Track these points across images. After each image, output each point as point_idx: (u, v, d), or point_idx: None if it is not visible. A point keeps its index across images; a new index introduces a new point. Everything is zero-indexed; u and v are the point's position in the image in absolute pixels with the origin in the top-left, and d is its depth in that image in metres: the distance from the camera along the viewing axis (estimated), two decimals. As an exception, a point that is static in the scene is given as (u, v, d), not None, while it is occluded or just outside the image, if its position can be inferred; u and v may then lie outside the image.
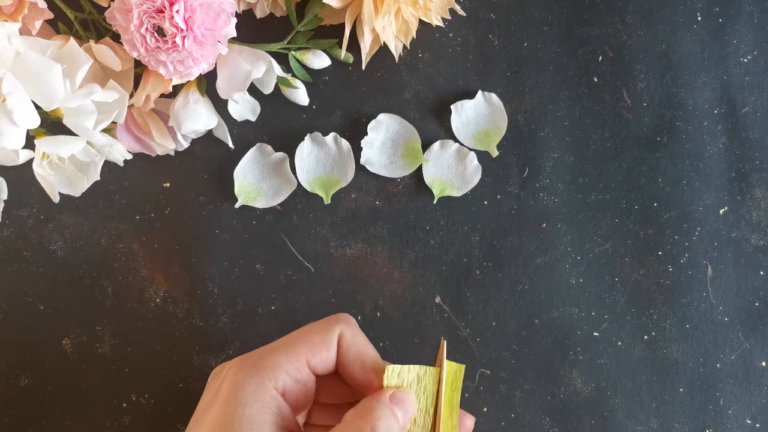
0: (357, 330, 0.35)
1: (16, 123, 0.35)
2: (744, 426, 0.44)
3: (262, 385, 0.31)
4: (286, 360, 0.32)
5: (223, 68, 0.40)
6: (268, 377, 0.32)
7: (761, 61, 0.46)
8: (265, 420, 0.31)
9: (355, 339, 0.34)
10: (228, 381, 0.32)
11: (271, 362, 0.32)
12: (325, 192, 0.44)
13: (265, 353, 0.33)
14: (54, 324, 0.43)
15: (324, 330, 0.34)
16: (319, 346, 0.33)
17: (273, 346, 0.33)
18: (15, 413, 0.43)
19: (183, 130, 0.41)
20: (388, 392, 0.33)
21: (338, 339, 0.34)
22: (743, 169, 0.45)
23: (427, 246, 0.45)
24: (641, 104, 0.46)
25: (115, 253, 0.44)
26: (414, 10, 0.42)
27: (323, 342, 0.34)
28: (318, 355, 0.33)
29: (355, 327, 0.35)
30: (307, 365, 0.33)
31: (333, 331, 0.34)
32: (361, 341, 0.34)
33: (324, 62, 0.43)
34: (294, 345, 0.33)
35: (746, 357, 0.44)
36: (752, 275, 0.45)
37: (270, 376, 0.32)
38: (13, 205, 0.44)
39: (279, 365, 0.32)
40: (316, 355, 0.33)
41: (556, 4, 0.46)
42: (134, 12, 0.36)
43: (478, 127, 0.45)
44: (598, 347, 0.44)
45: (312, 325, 0.35)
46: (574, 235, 0.45)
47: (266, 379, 0.32)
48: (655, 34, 0.46)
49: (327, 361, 0.34)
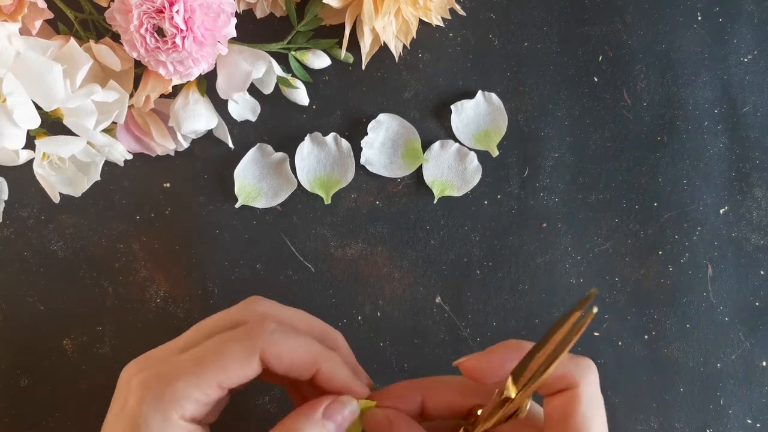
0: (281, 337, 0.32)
1: (17, 123, 0.35)
2: (745, 426, 0.44)
3: (168, 419, 0.29)
4: (194, 389, 0.30)
5: (223, 68, 0.40)
6: (175, 410, 0.30)
7: (761, 60, 0.46)
8: None
9: (281, 351, 0.31)
10: (133, 408, 0.30)
11: (176, 393, 0.30)
12: (326, 192, 0.44)
13: (171, 379, 0.30)
14: (54, 324, 0.43)
15: (240, 352, 0.31)
16: (233, 368, 0.31)
17: (181, 367, 0.31)
18: (15, 413, 0.43)
19: (183, 131, 0.41)
20: (321, 405, 0.31)
21: (262, 355, 0.31)
22: (743, 169, 0.45)
23: (427, 246, 0.45)
24: (641, 104, 0.46)
25: (116, 253, 0.44)
26: (414, 10, 0.42)
27: (239, 363, 0.31)
28: (233, 378, 0.31)
29: (280, 335, 0.32)
30: (218, 388, 0.31)
31: (253, 349, 0.31)
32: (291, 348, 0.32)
33: (324, 62, 0.43)
34: (204, 370, 0.30)
35: (747, 357, 0.44)
36: (753, 275, 0.45)
37: (176, 408, 0.30)
38: (13, 206, 0.44)
39: (185, 396, 0.30)
40: (230, 378, 0.31)
41: (556, 4, 0.46)
42: (134, 12, 0.36)
43: (479, 127, 0.45)
44: (599, 347, 0.44)
45: (227, 343, 0.31)
46: (575, 234, 0.45)
47: (173, 412, 0.30)
48: (655, 34, 0.46)
49: (245, 378, 0.31)
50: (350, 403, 0.32)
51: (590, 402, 0.29)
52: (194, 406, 0.30)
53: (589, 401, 0.29)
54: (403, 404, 0.33)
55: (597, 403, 0.30)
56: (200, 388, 0.30)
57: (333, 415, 0.32)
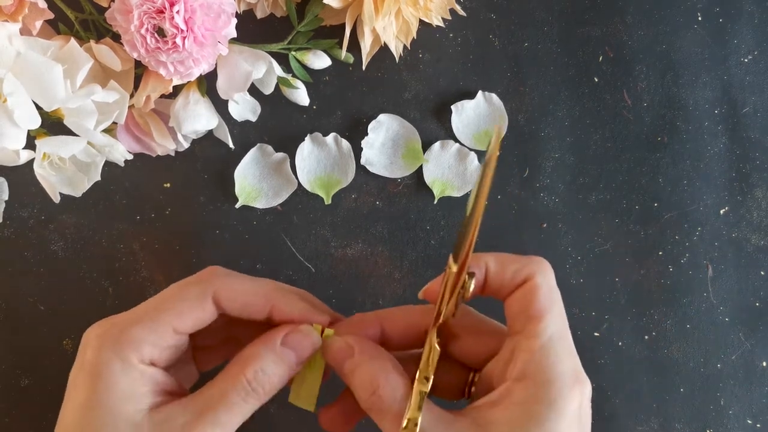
0: (232, 280, 0.33)
1: (17, 123, 0.35)
2: (745, 426, 0.44)
3: (127, 361, 0.30)
4: (149, 333, 0.31)
5: (223, 69, 0.40)
6: (133, 353, 0.30)
7: (762, 61, 0.46)
8: (141, 391, 0.30)
9: (233, 293, 0.32)
10: (92, 358, 0.30)
11: (132, 337, 0.30)
12: (326, 192, 0.44)
13: (127, 325, 0.31)
14: (55, 324, 0.43)
15: (193, 294, 0.32)
16: (188, 312, 0.32)
17: (137, 315, 0.32)
18: (15, 413, 0.43)
19: (183, 131, 0.41)
20: (280, 333, 0.32)
21: (215, 298, 0.32)
22: (744, 169, 0.45)
23: (427, 246, 0.45)
24: (642, 104, 0.46)
25: (116, 254, 0.44)
26: (414, 10, 0.42)
27: (192, 308, 0.32)
28: (188, 321, 0.32)
29: (230, 276, 0.33)
30: (173, 333, 0.31)
31: (205, 293, 0.32)
32: (243, 290, 0.32)
33: (324, 62, 0.43)
34: (159, 314, 0.31)
35: (747, 357, 0.44)
36: (753, 275, 0.45)
37: (133, 351, 0.30)
38: (13, 206, 0.44)
39: (141, 339, 0.31)
40: (185, 321, 0.32)
41: (556, 4, 0.46)
42: (134, 13, 0.36)
43: (479, 127, 0.45)
44: (599, 347, 0.44)
45: (181, 288, 0.32)
46: (575, 235, 0.45)
47: (131, 355, 0.30)
48: (655, 34, 0.46)
49: (200, 322, 0.32)
50: (311, 334, 0.32)
51: (548, 291, 0.31)
52: (152, 349, 0.31)
53: (547, 290, 0.31)
54: (363, 333, 0.33)
55: (554, 292, 0.31)
56: (156, 332, 0.31)
57: (292, 343, 0.32)
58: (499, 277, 0.31)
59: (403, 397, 0.30)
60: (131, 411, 0.30)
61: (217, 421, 0.30)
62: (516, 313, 0.31)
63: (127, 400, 0.30)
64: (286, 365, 0.31)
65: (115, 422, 0.29)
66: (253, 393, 0.31)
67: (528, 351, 0.29)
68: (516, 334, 0.31)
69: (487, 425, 0.29)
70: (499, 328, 0.34)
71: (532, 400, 0.28)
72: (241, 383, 0.31)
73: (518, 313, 0.31)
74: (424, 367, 0.31)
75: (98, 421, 0.30)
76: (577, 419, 0.29)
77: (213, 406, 0.30)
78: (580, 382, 0.30)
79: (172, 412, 0.30)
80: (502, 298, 0.32)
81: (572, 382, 0.29)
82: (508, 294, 0.32)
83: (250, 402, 0.31)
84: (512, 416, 0.28)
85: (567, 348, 0.30)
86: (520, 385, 0.29)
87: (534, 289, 0.31)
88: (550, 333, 0.30)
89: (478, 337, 0.33)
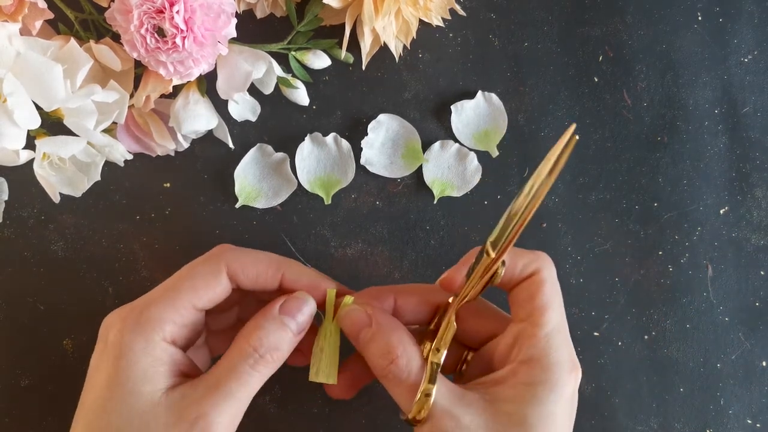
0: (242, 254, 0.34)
1: (17, 123, 0.35)
2: (745, 426, 0.44)
3: (149, 340, 0.31)
4: (170, 311, 0.32)
5: (223, 69, 0.40)
6: (155, 331, 0.31)
7: (762, 60, 0.46)
8: (159, 371, 0.31)
9: (245, 265, 0.34)
10: (115, 340, 0.31)
11: (154, 316, 0.32)
12: (326, 192, 0.44)
13: (147, 305, 0.32)
14: (55, 324, 0.43)
15: (207, 271, 0.33)
16: (204, 288, 0.33)
17: (156, 296, 0.33)
18: (15, 413, 0.43)
19: (183, 131, 0.41)
20: (277, 304, 0.33)
21: (229, 271, 0.34)
22: (744, 169, 0.45)
23: (427, 246, 0.45)
24: (641, 104, 0.46)
25: (116, 254, 0.44)
26: (414, 10, 0.42)
27: (208, 284, 0.33)
28: (204, 298, 0.33)
29: (240, 251, 0.34)
30: (192, 309, 0.33)
31: (218, 268, 0.33)
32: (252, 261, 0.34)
33: (324, 62, 0.43)
34: (177, 293, 0.33)
35: (747, 357, 0.44)
36: (753, 275, 0.45)
37: (156, 330, 0.31)
38: (13, 206, 0.44)
39: (162, 317, 0.32)
40: (202, 297, 0.33)
41: (556, 4, 0.46)
42: (134, 13, 0.36)
43: (479, 127, 0.45)
44: (599, 347, 0.44)
45: (195, 267, 0.34)
46: (575, 235, 0.45)
47: (153, 333, 0.31)
48: (655, 34, 0.46)
49: (217, 296, 0.33)
50: (308, 300, 0.34)
51: (552, 284, 0.34)
52: (173, 327, 0.32)
53: (552, 284, 0.34)
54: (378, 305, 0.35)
55: (557, 287, 0.34)
56: (176, 309, 0.32)
57: (290, 310, 0.33)
58: (510, 269, 0.34)
59: (419, 368, 0.32)
60: (149, 391, 0.31)
61: (229, 392, 0.31)
62: (522, 302, 0.34)
63: (146, 380, 0.31)
64: (288, 331, 0.33)
65: (133, 402, 0.30)
66: (261, 360, 0.32)
67: (534, 337, 0.32)
68: (521, 321, 0.33)
69: (494, 401, 0.32)
70: (501, 314, 0.36)
71: (537, 381, 0.31)
72: (246, 352, 0.31)
73: (524, 303, 0.33)
74: (438, 342, 0.33)
75: (118, 401, 0.30)
76: (571, 401, 0.33)
77: (224, 379, 0.31)
78: (576, 369, 0.33)
79: (185, 391, 0.31)
80: (508, 289, 0.34)
81: (570, 368, 0.32)
82: (515, 285, 0.34)
83: (258, 370, 0.32)
84: (517, 394, 0.31)
85: (566, 337, 0.33)
86: (525, 367, 0.32)
87: (541, 282, 0.33)
88: (554, 323, 0.33)
89: (481, 320, 0.36)
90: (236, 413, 0.31)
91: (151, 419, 0.30)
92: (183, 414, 0.30)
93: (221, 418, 0.30)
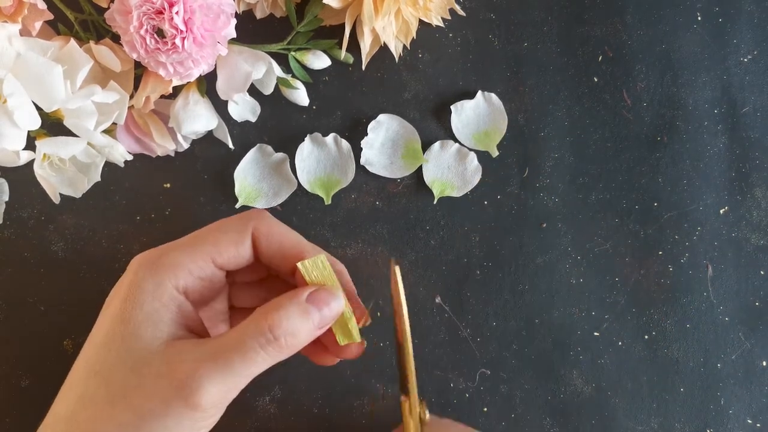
0: (273, 222, 0.33)
1: (17, 124, 0.35)
2: (745, 426, 0.44)
3: (161, 284, 0.30)
4: (189, 259, 0.31)
5: (223, 69, 0.40)
6: (168, 276, 0.31)
7: (761, 60, 0.46)
8: (164, 318, 0.30)
9: (272, 231, 0.33)
10: (129, 278, 0.31)
11: (172, 260, 0.31)
12: (326, 192, 0.44)
13: (168, 250, 0.31)
14: (55, 325, 0.43)
15: (234, 227, 0.32)
16: (226, 244, 0.32)
17: (178, 243, 0.32)
18: (16, 414, 0.43)
19: (183, 131, 0.41)
20: (306, 290, 0.31)
21: (254, 234, 0.33)
22: (743, 169, 0.45)
23: (427, 246, 0.45)
24: (641, 104, 0.46)
25: (116, 254, 0.44)
26: (414, 10, 0.42)
27: (231, 240, 0.32)
28: (225, 253, 0.32)
29: (271, 219, 0.33)
30: (212, 263, 0.32)
31: (245, 227, 0.32)
32: (280, 232, 0.33)
33: (324, 63, 0.43)
34: (199, 243, 0.32)
35: (747, 356, 0.44)
36: (753, 275, 0.45)
37: (170, 275, 0.31)
38: (14, 206, 0.44)
39: (180, 264, 0.31)
40: (223, 253, 0.32)
41: (556, 4, 0.46)
42: (134, 13, 0.36)
43: (478, 127, 0.45)
44: (599, 347, 0.44)
45: (223, 222, 0.33)
46: (575, 235, 0.45)
47: (166, 278, 0.31)
48: (655, 34, 0.46)
49: (238, 257, 0.32)
50: (338, 296, 0.32)
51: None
52: (187, 276, 0.31)
53: None
54: None
55: None
56: (194, 259, 0.31)
57: (318, 301, 0.31)
58: None
59: None
60: (149, 336, 0.30)
61: (230, 364, 0.29)
62: None
63: (148, 323, 0.30)
64: (310, 322, 0.31)
65: (131, 343, 0.29)
66: (274, 342, 0.30)
67: None
68: None
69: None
70: None
71: None
72: (261, 329, 0.29)
73: None
74: None
75: (118, 339, 0.30)
76: None
77: (229, 350, 0.29)
78: None
79: (185, 347, 0.30)
80: None
81: None
82: None
83: (268, 351, 0.30)
84: None
85: None
86: None
87: None
88: None
89: None
90: (230, 388, 0.29)
91: (144, 365, 0.29)
92: (175, 369, 0.29)
93: (212, 388, 0.28)
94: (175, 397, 0.28)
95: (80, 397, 0.30)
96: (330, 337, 0.33)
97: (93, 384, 0.30)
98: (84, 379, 0.30)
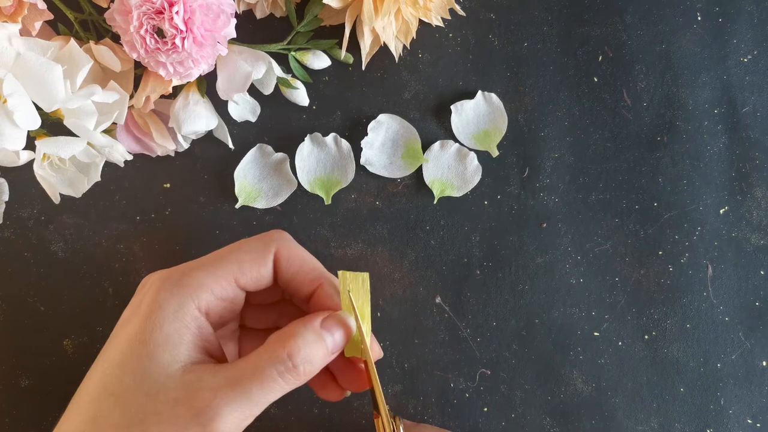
0: (294, 244, 0.33)
1: (17, 124, 0.35)
2: (745, 426, 0.44)
3: (183, 305, 0.30)
4: (212, 279, 0.31)
5: (223, 69, 0.40)
6: (190, 297, 0.30)
7: (761, 60, 0.46)
8: (183, 340, 0.30)
9: (292, 254, 0.33)
10: (149, 297, 0.31)
11: (194, 281, 0.31)
12: (326, 192, 0.44)
13: (190, 270, 0.31)
14: (55, 325, 0.43)
15: (257, 248, 0.32)
16: (249, 264, 0.32)
17: (201, 262, 0.32)
18: (16, 414, 0.43)
19: (183, 131, 0.41)
20: (320, 316, 0.32)
21: (275, 256, 0.33)
22: (743, 169, 0.45)
23: (427, 246, 0.45)
24: (641, 104, 0.46)
25: (116, 254, 0.44)
26: (414, 10, 0.42)
27: (254, 261, 0.32)
28: (248, 274, 0.32)
29: (292, 241, 0.33)
30: (234, 283, 0.32)
31: (268, 248, 0.32)
32: (300, 255, 0.33)
33: (324, 63, 0.43)
34: (222, 263, 0.32)
35: (747, 356, 0.44)
36: (753, 275, 0.45)
37: (192, 296, 0.30)
38: (13, 206, 0.44)
39: (203, 284, 0.31)
40: (245, 273, 0.32)
41: (556, 4, 0.46)
42: (134, 13, 0.36)
43: (478, 127, 0.45)
44: (599, 347, 0.44)
45: (245, 242, 0.33)
46: (575, 235, 0.45)
47: (188, 299, 0.30)
48: (655, 34, 0.46)
49: (259, 278, 0.32)
50: (349, 321, 0.32)
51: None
52: (210, 297, 0.31)
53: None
54: None
55: None
56: (217, 279, 0.31)
57: (331, 327, 0.32)
58: None
59: None
60: (167, 359, 0.29)
61: (248, 392, 0.29)
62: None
63: (167, 346, 0.29)
64: (324, 348, 0.31)
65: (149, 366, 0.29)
66: (293, 370, 0.30)
67: None
68: None
69: None
70: None
71: None
72: (279, 357, 0.30)
73: None
74: None
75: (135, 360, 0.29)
76: None
77: (247, 378, 0.29)
78: None
79: (203, 373, 0.29)
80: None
81: None
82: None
83: (285, 378, 0.30)
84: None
85: None
86: None
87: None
88: None
89: None
90: (247, 415, 0.29)
91: (161, 390, 0.29)
92: (194, 397, 0.29)
93: (230, 416, 0.29)
94: (194, 425, 0.28)
95: (93, 419, 0.29)
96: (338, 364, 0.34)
97: (107, 405, 0.29)
98: (97, 400, 0.30)
